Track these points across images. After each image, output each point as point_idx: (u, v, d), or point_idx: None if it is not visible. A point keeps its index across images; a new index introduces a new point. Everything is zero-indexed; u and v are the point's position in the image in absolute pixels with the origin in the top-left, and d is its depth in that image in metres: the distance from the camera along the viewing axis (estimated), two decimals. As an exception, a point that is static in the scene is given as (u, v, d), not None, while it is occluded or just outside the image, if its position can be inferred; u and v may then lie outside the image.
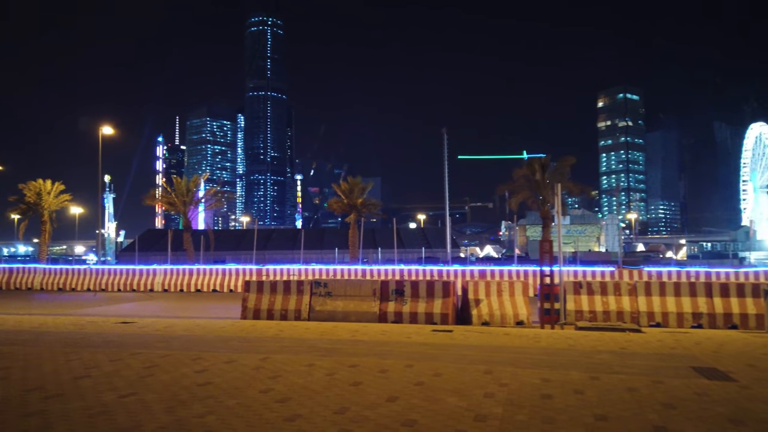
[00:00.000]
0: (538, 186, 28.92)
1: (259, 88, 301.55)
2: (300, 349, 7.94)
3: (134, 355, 7.38)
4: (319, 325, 11.20)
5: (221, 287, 23.23)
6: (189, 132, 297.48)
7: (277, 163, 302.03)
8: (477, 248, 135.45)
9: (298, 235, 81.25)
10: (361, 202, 32.80)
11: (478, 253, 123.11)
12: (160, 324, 11.28)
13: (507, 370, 6.54)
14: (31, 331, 10.11)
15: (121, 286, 23.92)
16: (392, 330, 10.38)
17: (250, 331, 10.20)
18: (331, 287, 12.39)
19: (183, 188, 33.83)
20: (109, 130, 31.85)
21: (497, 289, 12.48)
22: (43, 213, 35.11)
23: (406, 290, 12.11)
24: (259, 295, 12.66)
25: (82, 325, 10.96)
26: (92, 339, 9.04)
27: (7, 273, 25.54)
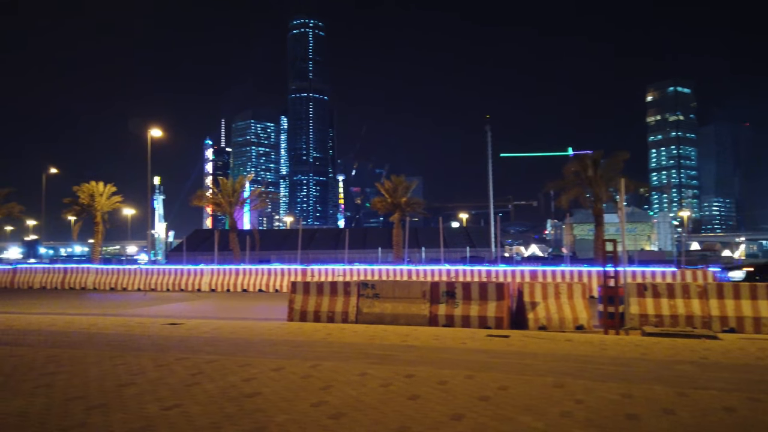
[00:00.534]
0: (589, 182, 27.72)
1: (301, 89, 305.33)
2: (350, 356, 7.51)
3: (180, 360, 7.11)
4: (368, 328, 10.77)
5: (267, 287, 23.19)
6: (234, 134, 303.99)
7: (319, 163, 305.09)
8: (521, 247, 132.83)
9: (341, 234, 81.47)
10: (405, 200, 32.24)
11: (522, 252, 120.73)
12: (207, 326, 11.10)
13: (579, 383, 5.91)
14: (80, 332, 10.07)
15: (169, 286, 24.22)
16: (444, 335, 9.84)
17: (298, 334, 9.86)
18: (379, 289, 11.96)
19: (229, 189, 34.15)
20: (157, 132, 32.45)
21: (555, 291, 11.76)
22: (95, 214, 36.13)
23: (458, 292, 11.55)
24: (306, 296, 12.34)
25: (131, 327, 10.88)
26: (139, 341, 8.88)
27: (62, 273, 26.28)
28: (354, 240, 76.50)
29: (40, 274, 26.51)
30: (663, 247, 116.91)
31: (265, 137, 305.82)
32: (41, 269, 27.09)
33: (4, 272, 27.21)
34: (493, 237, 66.57)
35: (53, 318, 12.65)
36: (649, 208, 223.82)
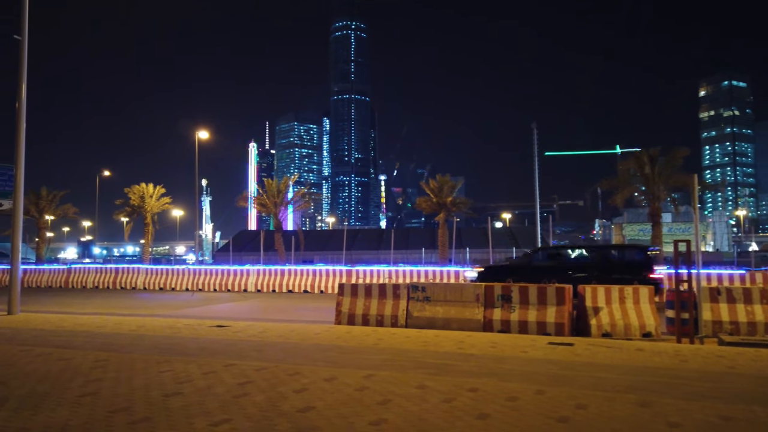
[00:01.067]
0: (646, 180, 26.36)
1: (343, 91, 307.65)
2: (406, 364, 7.03)
3: (228, 366, 6.79)
4: (419, 333, 10.27)
5: (312, 288, 22.99)
6: (278, 136, 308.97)
7: (361, 164, 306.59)
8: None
9: (383, 235, 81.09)
10: (451, 200, 31.53)
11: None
12: (255, 328, 10.84)
13: (667, 402, 5.24)
14: (128, 334, 9.96)
15: (216, 286, 24.35)
16: (502, 342, 9.23)
17: (347, 339, 9.45)
18: (430, 291, 11.43)
19: (273, 190, 34.31)
20: (204, 134, 32.88)
21: (620, 295, 10.95)
22: (145, 215, 36.96)
23: (514, 296, 10.90)
24: (354, 298, 11.93)
25: (178, 329, 10.73)
26: (187, 345, 8.65)
27: (113, 273, 26.84)
28: (396, 240, 75.93)
29: (93, 274, 27.16)
30: (719, 248, 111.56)
31: (308, 139, 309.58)
32: (94, 269, 27.76)
33: (59, 272, 28.04)
34: (539, 237, 64.87)
35: (103, 319, 12.68)
36: (702, 207, 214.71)
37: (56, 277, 27.86)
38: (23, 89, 14.31)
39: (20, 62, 14.24)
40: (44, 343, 8.75)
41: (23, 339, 9.28)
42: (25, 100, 14.37)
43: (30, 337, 9.47)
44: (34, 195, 40.50)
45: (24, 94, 14.34)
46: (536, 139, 68.99)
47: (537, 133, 69.17)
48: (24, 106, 14.35)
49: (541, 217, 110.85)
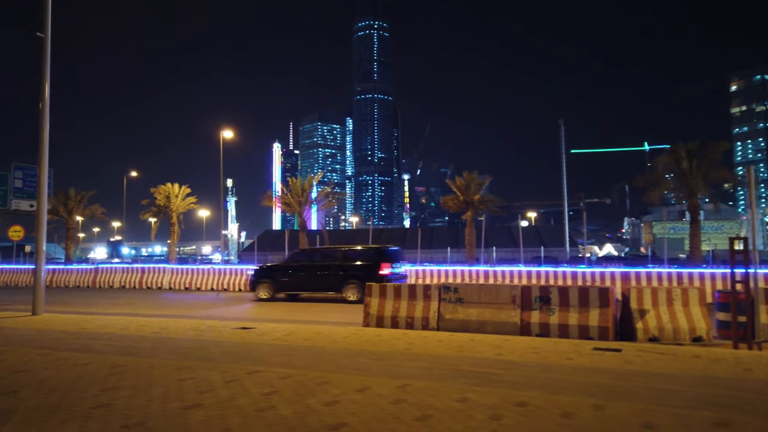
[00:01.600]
0: (683, 176, 25.26)
1: (366, 91, 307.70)
2: (443, 373, 6.48)
3: (252, 374, 6.33)
4: (452, 336, 9.70)
5: (337, 288, 22.52)
6: (302, 137, 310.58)
7: (384, 163, 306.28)
8: (595, 247, 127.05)
9: (406, 234, 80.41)
10: (478, 198, 30.73)
11: (596, 251, 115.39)
12: (280, 330, 10.40)
13: (746, 421, 4.60)
14: (150, 337, 9.61)
15: (241, 286, 24.10)
16: (543, 346, 8.61)
17: (377, 343, 8.94)
18: (463, 293, 10.85)
19: (298, 189, 34.02)
20: (228, 133, 32.79)
21: (667, 297, 10.22)
22: (171, 215, 37.05)
23: (553, 297, 10.25)
24: (382, 299, 11.41)
25: (201, 331, 10.35)
26: (210, 349, 8.24)
27: (139, 273, 26.84)
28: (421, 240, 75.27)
29: (120, 274, 27.21)
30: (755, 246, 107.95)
31: (332, 139, 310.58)
32: (120, 269, 27.82)
33: (87, 272, 28.18)
34: (567, 236, 63.62)
35: (127, 320, 12.41)
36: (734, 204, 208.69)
37: (84, 277, 28.00)
38: (46, 88, 14.14)
39: (43, 60, 14.08)
40: (63, 347, 8.44)
41: (43, 341, 9.00)
42: (48, 99, 14.21)
43: (50, 340, 9.18)
44: (63, 196, 41.00)
45: (47, 93, 14.18)
46: (563, 136, 67.74)
47: (564, 129, 67.89)
48: (47, 106, 14.19)
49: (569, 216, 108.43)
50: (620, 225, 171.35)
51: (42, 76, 14.08)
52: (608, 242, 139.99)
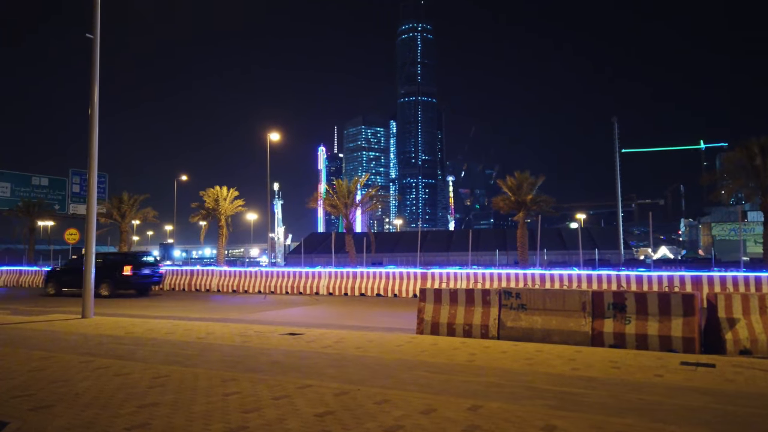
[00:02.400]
0: (756, 173, 23.41)
1: (410, 93, 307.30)
2: (516, 392, 5.69)
3: (303, 389, 5.73)
4: (517, 347, 8.87)
5: (385, 292, 21.95)
6: (346, 140, 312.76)
7: (428, 166, 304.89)
8: (649, 249, 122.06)
9: (452, 236, 79.24)
10: (531, 198, 29.47)
11: (650, 254, 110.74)
12: (330, 337, 9.82)
13: None
14: (196, 343, 9.19)
15: (288, 289, 23.84)
16: (622, 360, 7.68)
17: (434, 353, 8.21)
18: (526, 298, 9.98)
19: (344, 191, 33.67)
20: (275, 136, 32.79)
21: (760, 304, 9.07)
22: (220, 218, 37.39)
23: (629, 304, 9.26)
24: (437, 305, 10.67)
25: (248, 337, 9.88)
26: (257, 358, 7.71)
27: (188, 275, 26.98)
28: (467, 242, 73.98)
29: (169, 276, 27.43)
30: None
31: (375, 142, 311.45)
32: (170, 272, 28.07)
33: (139, 274, 28.55)
34: (621, 238, 60.97)
35: (174, 324, 12.12)
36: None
37: (135, 279, 28.38)
38: (95, 91, 14.11)
39: (92, 62, 14.05)
40: (107, 353, 8.09)
41: (89, 347, 8.70)
42: (97, 102, 14.18)
43: (95, 345, 8.89)
44: (117, 200, 42.05)
45: (96, 97, 14.14)
46: (617, 134, 65.03)
47: (618, 127, 65.17)
48: (96, 109, 14.16)
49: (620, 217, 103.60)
50: (673, 227, 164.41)
51: (91, 79, 14.05)
52: (663, 244, 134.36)
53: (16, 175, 59.84)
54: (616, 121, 64.45)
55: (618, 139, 64.87)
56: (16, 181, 59.33)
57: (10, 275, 33.03)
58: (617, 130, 64.71)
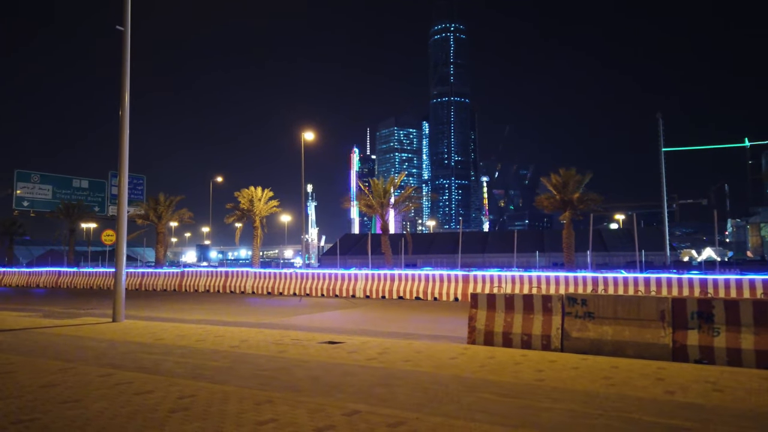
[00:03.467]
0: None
1: (442, 94, 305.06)
2: (616, 426, 4.64)
3: (349, 416, 4.81)
4: (587, 362, 7.76)
5: (425, 295, 20.95)
6: (378, 142, 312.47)
7: (461, 167, 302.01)
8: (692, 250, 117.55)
9: (487, 237, 77.42)
10: (578, 196, 27.89)
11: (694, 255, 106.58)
12: (372, 347, 8.90)
13: None
14: (228, 353, 8.39)
15: (324, 292, 23.08)
16: (719, 380, 6.51)
17: (494, 368, 7.19)
18: (593, 305, 8.85)
19: (380, 190, 32.77)
20: (310, 135, 32.16)
21: None
22: (254, 219, 37.00)
23: (717, 313, 8.04)
24: (491, 312, 9.62)
25: (285, 346, 9.04)
26: (294, 373, 6.84)
27: (223, 277, 26.52)
28: (503, 243, 72.08)
29: (204, 278, 27.05)
30: None
31: (408, 143, 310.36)
32: (205, 273, 27.70)
33: (174, 275, 28.29)
34: (667, 239, 58.38)
35: (206, 330, 11.41)
36: None
37: (171, 280, 28.14)
38: (126, 85, 13.56)
39: (123, 55, 13.51)
40: (131, 364, 7.35)
41: (112, 357, 7.99)
42: (128, 100, 13.63)
43: (120, 354, 8.17)
44: (153, 201, 42.18)
45: (127, 95, 13.60)
46: (662, 131, 62.41)
47: (662, 123, 62.50)
48: (127, 107, 13.61)
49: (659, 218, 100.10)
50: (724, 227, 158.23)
51: (122, 71, 13.51)
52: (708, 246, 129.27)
53: (58, 178, 61.25)
54: (661, 117, 61.91)
55: (663, 136, 62.27)
56: (58, 183, 60.72)
57: (50, 276, 33.33)
58: (662, 127, 62.10)
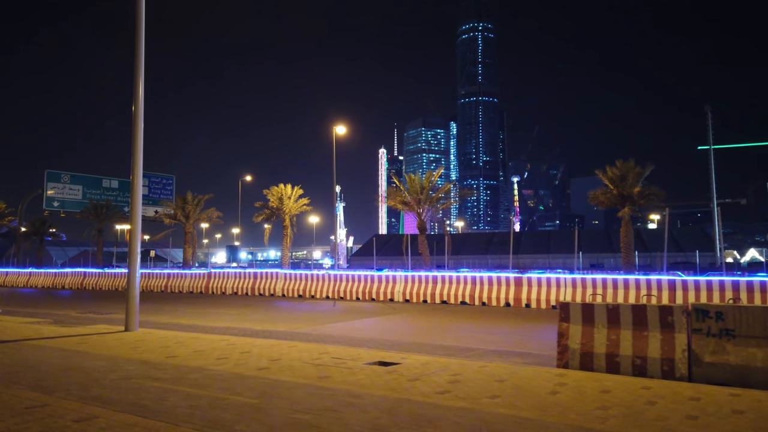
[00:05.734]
0: None
1: (470, 94, 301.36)
2: None
3: None
4: (740, 398, 5.64)
5: (471, 299, 18.89)
6: (406, 143, 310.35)
7: (489, 167, 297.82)
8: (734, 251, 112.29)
9: (521, 238, 74.66)
10: (638, 191, 25.23)
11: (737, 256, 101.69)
12: (437, 371, 6.92)
13: None
14: (255, 380, 6.52)
15: (359, 295, 21.23)
16: None
17: (623, 412, 5.13)
18: (733, 320, 6.69)
19: (417, 186, 30.73)
20: (341, 129, 30.39)
21: None
22: (284, 218, 35.43)
23: None
24: (588, 327, 7.52)
25: (326, 368, 7.13)
26: (346, 419, 4.89)
27: (251, 279, 24.91)
28: (536, 244, 69.38)
29: (232, 280, 25.50)
30: None
31: (435, 143, 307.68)
32: (233, 274, 26.14)
33: (200, 277, 26.81)
34: (718, 239, 54.69)
35: (230, 343, 9.58)
36: None
37: (197, 282, 26.67)
38: (140, 82, 11.89)
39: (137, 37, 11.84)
40: (125, 399, 5.51)
41: (104, 386, 6.19)
42: (142, 94, 11.97)
43: (115, 382, 6.36)
44: (181, 200, 40.99)
45: (141, 87, 11.93)
46: (710, 125, 58.80)
47: (711, 117, 58.88)
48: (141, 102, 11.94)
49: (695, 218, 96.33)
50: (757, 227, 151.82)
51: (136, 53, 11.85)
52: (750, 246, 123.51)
53: (88, 178, 60.86)
54: (710, 110, 58.20)
55: (711, 131, 58.61)
56: (88, 183, 60.30)
57: (75, 277, 32.30)
58: (710, 122, 58.43)
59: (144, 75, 11.96)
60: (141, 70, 11.86)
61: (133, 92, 11.87)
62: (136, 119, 11.81)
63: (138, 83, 11.86)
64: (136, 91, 11.85)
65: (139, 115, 11.83)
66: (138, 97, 11.85)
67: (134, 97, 11.87)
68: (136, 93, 11.84)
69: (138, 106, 11.84)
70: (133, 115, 11.85)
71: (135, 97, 11.86)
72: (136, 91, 11.85)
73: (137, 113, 11.82)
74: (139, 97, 11.86)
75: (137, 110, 11.83)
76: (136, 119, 11.81)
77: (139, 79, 11.86)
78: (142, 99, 11.91)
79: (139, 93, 11.86)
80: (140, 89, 11.89)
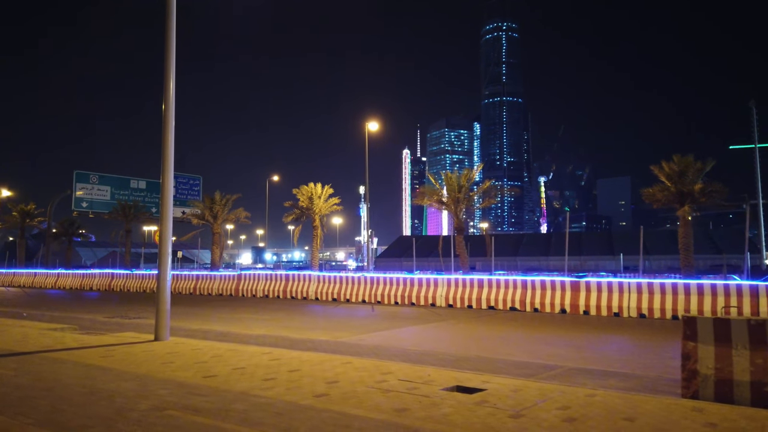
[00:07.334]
0: None
1: (494, 94, 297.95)
2: None
3: None
4: None
5: (522, 305, 17.42)
6: (429, 144, 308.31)
7: (514, 168, 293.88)
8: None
9: (551, 239, 72.35)
10: (700, 188, 23.27)
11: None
12: (539, 401, 5.56)
13: None
14: (316, 412, 5.24)
15: (398, 299, 19.91)
16: None
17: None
18: None
19: (455, 184, 29.29)
20: (374, 125, 29.15)
21: None
22: (314, 218, 34.35)
23: None
24: (724, 348, 6.04)
25: (398, 398, 5.81)
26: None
27: (283, 281, 23.78)
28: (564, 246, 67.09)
29: (263, 282, 24.42)
30: None
31: (459, 144, 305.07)
32: (264, 276, 25.06)
33: (230, 279, 25.81)
34: (764, 240, 52.11)
35: (273, 356, 8.34)
36: None
37: (227, 284, 25.67)
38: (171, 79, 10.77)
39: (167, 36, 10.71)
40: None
41: (136, 417, 4.97)
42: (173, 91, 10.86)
43: (150, 411, 5.15)
44: (209, 200, 40.20)
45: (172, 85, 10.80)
46: (756, 120, 56.06)
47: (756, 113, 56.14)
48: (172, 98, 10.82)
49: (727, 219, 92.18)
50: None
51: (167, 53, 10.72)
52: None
53: (116, 179, 60.72)
54: (754, 105, 55.45)
55: (757, 127, 55.84)
56: (116, 184, 60.15)
57: (103, 279, 31.65)
58: (756, 117, 55.69)
59: (174, 75, 10.88)
60: (172, 70, 10.80)
61: (164, 92, 10.82)
62: (166, 119, 10.74)
63: (168, 84, 10.82)
64: (167, 91, 10.80)
65: (169, 116, 10.78)
66: (168, 97, 10.82)
67: (164, 96, 10.83)
68: (167, 93, 10.79)
69: (168, 106, 10.81)
70: (163, 116, 10.79)
71: (165, 97, 10.81)
72: (166, 91, 10.80)
73: (167, 113, 10.76)
74: (170, 97, 10.82)
75: (167, 110, 10.78)
76: (166, 119, 10.74)
77: (170, 79, 10.81)
78: (173, 99, 10.91)
79: (170, 93, 10.82)
80: (171, 89, 10.86)
